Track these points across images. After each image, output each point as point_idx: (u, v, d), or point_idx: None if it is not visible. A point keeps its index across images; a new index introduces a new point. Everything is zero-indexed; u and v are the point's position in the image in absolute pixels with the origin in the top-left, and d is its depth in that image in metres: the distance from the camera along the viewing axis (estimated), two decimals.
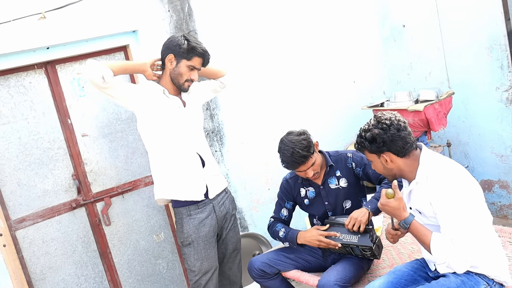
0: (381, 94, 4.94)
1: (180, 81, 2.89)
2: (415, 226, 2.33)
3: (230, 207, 3.14)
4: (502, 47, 4.03)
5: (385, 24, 4.90)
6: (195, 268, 2.96)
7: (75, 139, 3.52)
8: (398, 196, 2.34)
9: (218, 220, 3.03)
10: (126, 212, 3.73)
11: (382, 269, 3.09)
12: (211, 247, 2.99)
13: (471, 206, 2.26)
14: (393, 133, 2.32)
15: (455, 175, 2.30)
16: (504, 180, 4.31)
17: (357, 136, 2.46)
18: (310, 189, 3.11)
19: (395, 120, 2.36)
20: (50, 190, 3.46)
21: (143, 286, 3.83)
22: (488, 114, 4.26)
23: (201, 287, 2.99)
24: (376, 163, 2.43)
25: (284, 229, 3.16)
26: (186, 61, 2.85)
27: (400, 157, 2.36)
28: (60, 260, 3.52)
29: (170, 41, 2.88)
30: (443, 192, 2.26)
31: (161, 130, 2.90)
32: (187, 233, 2.93)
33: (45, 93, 3.41)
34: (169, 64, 2.88)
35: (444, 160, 2.39)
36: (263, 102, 4.25)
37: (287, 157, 2.88)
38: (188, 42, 2.83)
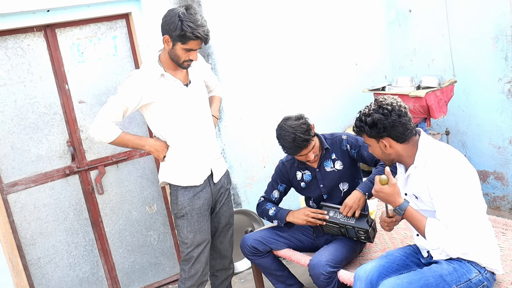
0: (382, 78, 4.90)
1: (178, 61, 2.77)
2: (410, 212, 2.32)
3: (225, 182, 3.13)
4: (508, 38, 3.98)
5: (391, 8, 4.83)
6: (187, 240, 2.96)
7: (72, 105, 3.47)
8: (392, 182, 2.32)
9: (212, 193, 3.02)
10: (120, 182, 3.71)
11: (374, 252, 3.10)
12: (204, 220, 2.98)
13: (468, 192, 2.25)
14: (394, 119, 2.29)
15: (454, 161, 2.29)
16: (500, 172, 4.31)
17: (356, 119, 2.42)
18: (306, 172, 3.09)
19: (396, 105, 2.33)
20: (44, 155, 3.43)
21: (133, 256, 3.83)
22: (488, 105, 4.23)
23: (192, 259, 2.98)
24: (375, 148, 2.41)
25: (274, 208, 3.16)
26: (181, 45, 2.69)
27: (400, 143, 2.34)
28: (51, 226, 3.50)
29: (166, 21, 2.67)
30: (441, 177, 2.24)
31: (164, 117, 2.84)
32: (182, 205, 2.92)
33: (43, 57, 3.36)
34: (165, 45, 2.75)
35: (443, 146, 2.38)
36: (264, 80, 4.20)
37: (289, 142, 2.84)
38: (182, 26, 2.60)
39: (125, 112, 2.79)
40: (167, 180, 2.96)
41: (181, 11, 2.64)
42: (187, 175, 2.91)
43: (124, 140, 2.86)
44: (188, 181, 2.92)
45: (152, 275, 3.93)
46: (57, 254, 3.54)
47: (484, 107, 4.27)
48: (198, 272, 3.01)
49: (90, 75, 3.51)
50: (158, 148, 2.89)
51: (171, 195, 2.99)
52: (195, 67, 2.97)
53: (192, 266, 2.99)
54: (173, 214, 3.00)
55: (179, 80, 2.84)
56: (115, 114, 2.77)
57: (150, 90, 2.77)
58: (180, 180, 2.92)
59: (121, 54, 3.61)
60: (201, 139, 2.94)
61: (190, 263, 2.99)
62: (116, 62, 3.59)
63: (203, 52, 3.83)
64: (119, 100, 2.76)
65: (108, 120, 2.77)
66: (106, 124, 2.76)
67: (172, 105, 2.83)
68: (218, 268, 3.29)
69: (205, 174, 2.97)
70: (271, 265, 3.17)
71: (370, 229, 2.84)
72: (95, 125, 2.78)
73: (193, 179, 2.92)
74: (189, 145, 2.90)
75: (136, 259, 3.84)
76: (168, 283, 3.99)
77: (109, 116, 2.77)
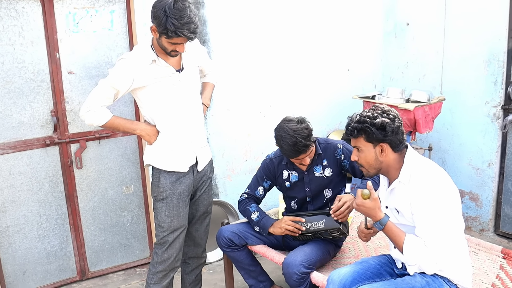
0: (372, 87, 4.93)
1: (165, 51, 2.71)
2: (389, 227, 2.32)
3: (208, 170, 3.10)
4: (500, 63, 4.05)
5: (390, 19, 4.86)
6: (164, 224, 2.93)
7: (60, 75, 3.40)
8: (373, 197, 2.33)
9: (195, 180, 2.99)
10: (100, 159, 3.65)
11: (348, 258, 3.12)
12: (183, 206, 2.96)
13: (448, 212, 2.27)
14: (398, 125, 2.32)
15: (438, 179, 2.30)
16: (475, 193, 4.38)
17: (354, 121, 2.38)
18: (293, 173, 3.06)
19: (395, 113, 2.37)
20: (25, 122, 3.35)
21: (104, 235, 3.77)
22: (473, 126, 4.30)
23: (167, 244, 2.96)
24: (369, 153, 2.37)
25: (258, 212, 3.10)
26: (165, 38, 2.62)
27: (395, 151, 2.35)
28: (24, 195, 3.43)
29: (153, 12, 2.57)
30: (424, 194, 2.26)
31: (155, 102, 2.80)
32: (163, 188, 2.88)
33: (37, 22, 3.27)
34: (153, 33, 2.67)
35: (429, 163, 2.39)
36: (256, 74, 4.18)
37: (289, 146, 2.78)
38: (166, 22, 2.50)
39: (116, 95, 2.75)
40: (152, 163, 2.92)
41: (167, 5, 2.50)
42: (173, 161, 2.88)
43: (115, 124, 2.82)
44: (172, 166, 2.88)
45: (121, 256, 3.88)
46: (27, 225, 3.47)
47: (468, 128, 4.33)
48: (171, 257, 2.98)
49: (83, 47, 3.43)
50: (149, 133, 2.85)
51: (153, 177, 2.95)
52: (189, 52, 2.91)
53: (165, 250, 2.96)
54: (153, 197, 2.97)
55: (171, 66, 2.79)
56: (105, 97, 2.73)
57: (141, 74, 2.72)
58: (164, 165, 2.88)
59: (117, 29, 3.54)
60: (189, 126, 2.90)
61: (164, 247, 2.96)
62: (110, 37, 3.52)
63: (199, 38, 3.78)
64: (110, 83, 2.71)
65: (98, 103, 2.73)
66: (97, 108, 2.73)
67: (163, 91, 2.79)
68: (190, 256, 3.26)
69: (190, 161, 2.94)
70: (245, 259, 3.16)
71: (341, 225, 2.87)
72: (85, 108, 2.73)
73: (178, 165, 2.89)
74: (177, 131, 2.87)
75: (106, 238, 3.79)
76: (136, 266, 3.94)
77: (99, 99, 2.73)
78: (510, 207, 4.21)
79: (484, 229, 4.37)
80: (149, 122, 2.88)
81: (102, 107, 2.75)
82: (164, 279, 3.00)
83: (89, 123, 2.77)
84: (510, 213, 4.22)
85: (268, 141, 4.15)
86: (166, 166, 2.88)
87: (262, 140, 4.26)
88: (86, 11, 3.41)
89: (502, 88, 4.08)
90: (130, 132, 2.91)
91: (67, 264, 3.67)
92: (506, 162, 4.18)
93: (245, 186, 4.21)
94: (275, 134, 2.88)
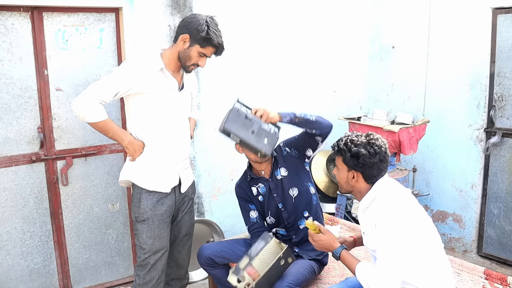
0: (357, 108, 5.00)
1: (187, 62, 2.80)
2: (343, 255, 2.44)
3: (190, 191, 3.10)
4: (483, 87, 4.14)
5: (375, 42, 4.95)
6: (145, 246, 2.90)
7: (48, 92, 3.40)
8: (326, 230, 2.53)
9: (176, 201, 2.98)
10: (86, 176, 3.64)
11: (332, 277, 3.12)
12: (165, 227, 2.94)
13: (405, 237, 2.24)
14: (375, 162, 2.33)
15: (397, 205, 2.29)
16: (459, 214, 4.43)
17: (340, 140, 2.44)
18: (260, 185, 3.09)
19: (383, 149, 2.37)
20: (12, 138, 3.34)
21: (89, 253, 3.74)
22: (456, 149, 4.37)
23: (149, 266, 2.92)
24: (342, 174, 2.44)
25: None
26: (199, 47, 2.75)
27: (367, 182, 2.39)
28: (8, 211, 3.39)
29: (191, 21, 2.73)
30: (379, 220, 2.27)
31: (149, 113, 2.79)
32: (144, 209, 2.85)
33: (26, 39, 3.29)
34: (181, 43, 2.76)
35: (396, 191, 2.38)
36: (242, 95, 4.21)
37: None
38: (208, 30, 2.70)
39: (115, 94, 2.70)
40: (133, 180, 2.87)
41: (208, 18, 2.75)
42: (156, 180, 2.86)
43: (108, 127, 2.75)
44: (155, 186, 2.86)
45: (105, 274, 3.84)
46: (10, 241, 3.43)
47: (452, 150, 4.41)
48: (153, 280, 2.95)
49: (71, 64, 3.45)
50: (135, 147, 2.82)
51: (134, 197, 2.91)
52: (189, 80, 3.00)
53: (147, 272, 2.93)
54: (134, 218, 2.93)
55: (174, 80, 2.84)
56: (105, 93, 2.67)
57: (146, 80, 2.73)
58: (147, 184, 2.85)
59: (106, 48, 3.56)
60: (177, 146, 2.91)
61: (146, 269, 2.93)
62: (99, 55, 3.55)
63: None
64: (113, 80, 2.68)
65: (96, 98, 2.65)
66: (94, 102, 2.65)
67: (161, 103, 2.80)
68: (173, 277, 3.24)
69: (173, 182, 2.93)
70: (224, 276, 3.12)
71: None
72: (81, 101, 2.64)
73: (161, 185, 2.88)
74: (164, 149, 2.86)
75: (91, 256, 3.76)
76: (120, 284, 3.91)
77: (98, 93, 2.66)
78: (493, 228, 4.27)
79: (467, 250, 4.41)
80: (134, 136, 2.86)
81: (100, 104, 2.68)
82: None
83: (82, 117, 2.67)
84: (493, 234, 4.28)
85: None
86: (148, 185, 2.85)
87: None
88: (76, 29, 3.43)
89: (485, 111, 4.17)
90: (117, 140, 2.82)
91: (50, 282, 3.62)
92: (488, 184, 4.25)
93: (231, 204, 4.25)
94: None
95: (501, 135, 4.09)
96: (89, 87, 2.68)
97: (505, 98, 4.06)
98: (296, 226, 3.08)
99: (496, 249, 4.28)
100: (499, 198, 4.20)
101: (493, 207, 4.25)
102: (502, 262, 4.23)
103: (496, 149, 4.17)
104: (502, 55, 4.04)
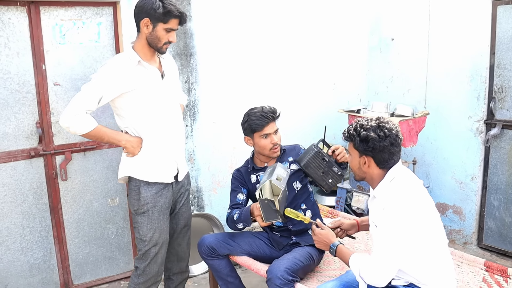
0: (357, 101, 4.98)
1: (158, 44, 2.77)
2: (339, 249, 2.51)
3: (185, 182, 3.12)
4: (483, 79, 4.12)
5: (375, 34, 4.93)
6: (146, 238, 2.91)
7: (46, 87, 3.39)
8: (324, 227, 2.66)
9: (174, 192, 3.00)
10: (85, 171, 3.63)
11: (333, 270, 3.12)
12: (164, 219, 2.95)
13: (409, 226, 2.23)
14: (385, 145, 2.30)
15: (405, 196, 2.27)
16: (459, 206, 4.43)
17: (350, 126, 2.42)
18: (260, 173, 3.13)
19: (394, 132, 2.33)
20: (10, 133, 3.33)
21: (89, 248, 3.74)
22: (456, 141, 4.36)
23: (149, 258, 2.93)
24: (354, 160, 2.41)
25: (238, 210, 3.07)
26: (163, 24, 2.72)
27: (379, 167, 2.36)
28: (7, 207, 3.39)
29: (144, 4, 2.70)
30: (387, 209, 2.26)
31: (141, 107, 2.79)
32: (144, 201, 2.86)
33: (24, 33, 3.27)
34: (145, 29, 2.74)
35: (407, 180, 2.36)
36: (241, 87, 4.20)
37: (257, 111, 3.03)
38: (163, 4, 2.67)
39: (99, 100, 2.70)
40: (132, 174, 2.87)
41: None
42: (157, 171, 2.87)
43: (101, 133, 2.78)
44: (157, 177, 2.87)
45: (105, 269, 3.84)
46: (10, 237, 3.42)
47: (452, 142, 4.40)
48: (152, 271, 2.97)
49: (69, 58, 3.43)
50: (133, 144, 2.82)
51: (132, 190, 2.91)
52: (168, 66, 2.97)
53: (148, 265, 2.95)
54: (133, 211, 2.93)
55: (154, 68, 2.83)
56: (88, 102, 2.68)
57: (129, 77, 2.72)
58: (149, 176, 2.86)
59: (103, 42, 3.55)
60: (173, 135, 2.92)
61: (146, 262, 2.94)
62: (97, 49, 3.53)
63: (186, 51, 3.82)
64: (93, 87, 2.69)
65: (81, 109, 2.67)
66: (81, 114, 2.67)
67: (148, 95, 2.79)
68: (175, 272, 3.25)
69: (173, 171, 2.94)
70: (223, 269, 3.12)
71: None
72: (68, 115, 2.66)
73: (163, 176, 2.89)
74: (161, 139, 2.87)
75: (91, 251, 3.76)
76: (121, 278, 3.91)
77: (82, 104, 2.67)
78: (493, 220, 4.27)
79: (468, 242, 4.41)
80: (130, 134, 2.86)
81: (86, 114, 2.70)
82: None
83: (73, 131, 2.70)
84: (493, 226, 4.27)
85: None
86: (150, 177, 2.86)
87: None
88: (73, 23, 3.41)
89: (485, 103, 4.15)
90: (115, 143, 2.85)
91: (50, 277, 3.62)
92: (489, 176, 4.25)
93: None
94: (244, 120, 3.10)
95: (501, 127, 4.08)
96: (71, 100, 2.70)
97: (505, 90, 4.05)
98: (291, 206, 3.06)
99: (496, 241, 4.28)
100: (499, 190, 4.19)
101: (493, 199, 4.24)
102: (502, 253, 4.23)
103: (496, 141, 4.16)
104: (502, 46, 4.02)
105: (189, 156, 3.99)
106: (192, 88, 3.92)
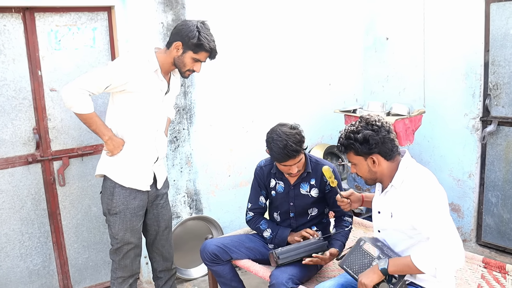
0: (353, 101, 5.00)
1: (182, 69, 2.88)
2: (392, 263, 2.32)
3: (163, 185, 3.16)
4: (477, 76, 4.14)
5: (369, 34, 4.95)
6: (118, 237, 2.99)
7: (43, 93, 3.39)
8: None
9: (149, 195, 3.05)
10: (83, 176, 3.63)
11: (331, 271, 3.13)
12: (137, 220, 3.01)
13: (444, 209, 2.26)
14: (384, 135, 2.32)
15: (429, 182, 2.31)
16: (457, 204, 4.44)
17: (340, 138, 2.43)
18: (280, 183, 3.08)
19: (382, 121, 2.37)
20: (7, 140, 3.33)
21: (88, 253, 3.74)
22: (453, 138, 4.38)
23: (122, 253, 3.03)
24: (362, 166, 2.41)
25: (270, 229, 3.10)
26: (192, 53, 2.82)
27: (387, 160, 2.36)
28: (6, 214, 3.39)
29: (183, 28, 2.81)
30: (418, 197, 2.25)
31: (134, 109, 2.86)
32: (116, 202, 2.92)
33: (19, 40, 3.27)
34: (175, 51, 2.83)
35: (421, 169, 2.40)
36: (238, 89, 4.21)
37: (279, 148, 2.79)
38: (199, 35, 2.76)
39: (107, 86, 2.78)
40: (108, 174, 2.93)
41: (198, 23, 2.81)
42: (133, 178, 2.93)
43: (92, 120, 2.83)
44: (132, 183, 2.93)
45: (105, 274, 3.84)
46: (9, 243, 3.42)
47: (448, 140, 4.41)
48: (127, 265, 3.07)
49: (65, 64, 3.44)
50: (115, 144, 2.88)
51: (106, 189, 2.96)
52: (175, 84, 3.07)
53: (121, 259, 3.05)
54: (106, 210, 2.99)
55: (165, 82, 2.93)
56: (96, 84, 2.76)
57: (140, 79, 2.80)
58: (123, 180, 2.92)
59: (99, 47, 3.55)
60: (157, 146, 3.00)
61: (120, 256, 3.04)
62: (93, 54, 3.53)
63: None
64: (108, 72, 2.76)
65: (87, 87, 2.75)
66: (85, 95, 2.75)
67: (148, 103, 2.87)
68: (161, 270, 3.34)
69: (149, 180, 3.00)
70: (227, 274, 3.13)
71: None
72: (73, 89, 2.74)
73: (139, 183, 2.95)
74: (146, 149, 2.94)
75: (90, 256, 3.76)
76: None
77: (90, 84, 2.75)
78: (491, 217, 4.28)
79: (466, 239, 4.43)
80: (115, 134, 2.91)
81: (89, 96, 2.77)
82: (123, 284, 3.09)
83: (69, 106, 2.77)
84: (491, 223, 4.29)
85: (251, 156, 4.19)
86: (125, 182, 2.91)
87: (245, 155, 4.28)
88: (68, 29, 3.42)
89: (480, 100, 4.17)
90: (99, 134, 2.88)
91: (50, 282, 3.62)
92: (486, 173, 4.26)
93: (229, 201, 4.24)
94: (267, 137, 2.90)
95: (497, 124, 4.10)
96: (80, 77, 2.76)
97: (500, 87, 4.06)
98: (300, 228, 3.09)
99: (495, 238, 4.29)
100: (496, 186, 4.21)
101: (491, 196, 4.26)
102: (501, 250, 4.25)
103: (492, 137, 4.17)
104: (495, 43, 4.04)
105: (186, 159, 3.99)
106: (188, 91, 3.93)
